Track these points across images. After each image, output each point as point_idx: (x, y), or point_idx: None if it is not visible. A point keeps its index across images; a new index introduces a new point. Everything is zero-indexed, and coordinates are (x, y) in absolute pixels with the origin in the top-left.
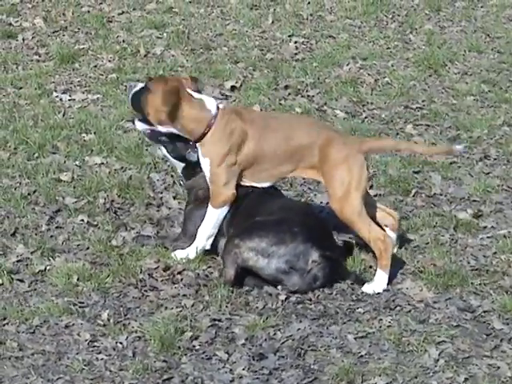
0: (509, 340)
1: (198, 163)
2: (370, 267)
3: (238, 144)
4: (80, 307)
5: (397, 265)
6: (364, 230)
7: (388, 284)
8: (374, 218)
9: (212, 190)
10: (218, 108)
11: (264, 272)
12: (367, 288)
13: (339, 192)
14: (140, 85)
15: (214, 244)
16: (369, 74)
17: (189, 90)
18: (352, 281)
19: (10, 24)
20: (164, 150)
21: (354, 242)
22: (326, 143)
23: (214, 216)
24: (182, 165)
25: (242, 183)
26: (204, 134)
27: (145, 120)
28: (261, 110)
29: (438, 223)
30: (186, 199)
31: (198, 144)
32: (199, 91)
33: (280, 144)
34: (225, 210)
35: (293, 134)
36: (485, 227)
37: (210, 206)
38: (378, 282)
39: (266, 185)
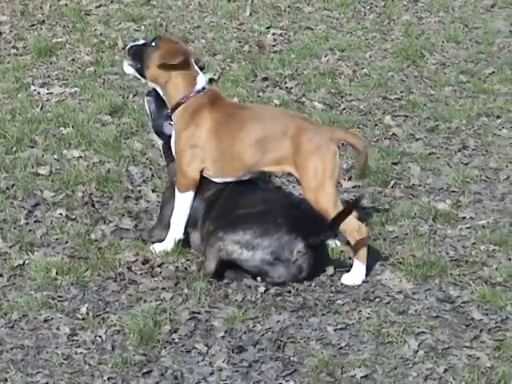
0: (488, 330)
1: None
2: (350, 258)
3: (202, 127)
4: (59, 301)
5: (376, 256)
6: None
7: (366, 275)
8: None
9: (177, 173)
10: (202, 88)
11: (249, 264)
12: (346, 279)
13: (313, 182)
14: (143, 40)
15: (187, 238)
16: (347, 66)
17: (191, 59)
18: (335, 267)
19: None
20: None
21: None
22: (297, 133)
23: (180, 201)
24: (161, 142)
25: (207, 177)
26: (178, 105)
27: (135, 68)
28: (239, 102)
29: (416, 214)
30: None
31: (172, 116)
32: (200, 67)
33: (248, 134)
34: (190, 195)
35: (262, 124)
36: (464, 218)
37: (176, 190)
38: (356, 273)
39: (229, 180)
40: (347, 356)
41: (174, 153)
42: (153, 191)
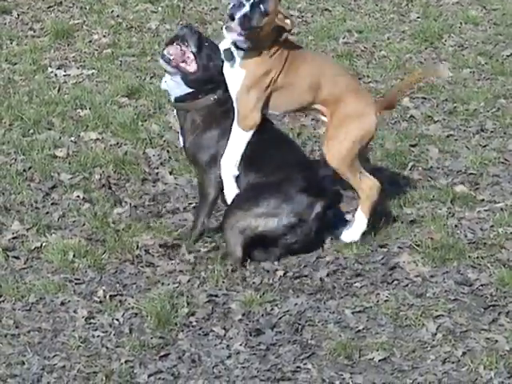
0: (506, 313)
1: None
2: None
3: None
4: (76, 284)
5: (393, 238)
6: (354, 179)
7: (384, 257)
8: None
9: (239, 111)
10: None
11: (275, 232)
12: (345, 236)
13: (338, 140)
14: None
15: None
16: (365, 47)
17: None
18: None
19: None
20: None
21: None
22: (350, 91)
23: (241, 140)
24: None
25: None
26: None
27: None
28: None
29: (434, 196)
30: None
31: (239, 53)
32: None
33: (311, 74)
34: (250, 134)
35: (324, 71)
36: (482, 200)
37: (236, 128)
38: (357, 227)
39: (277, 113)
40: (365, 339)
41: (234, 93)
42: (170, 173)
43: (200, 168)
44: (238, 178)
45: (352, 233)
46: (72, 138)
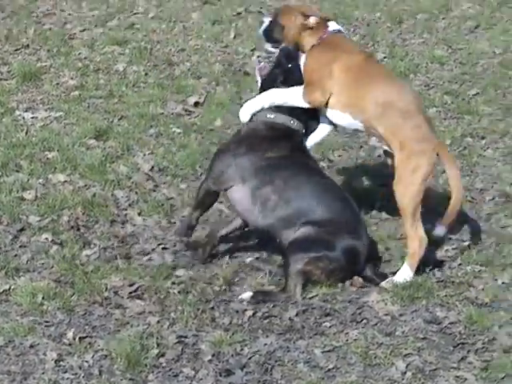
0: (475, 351)
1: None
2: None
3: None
4: (45, 326)
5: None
6: (410, 224)
7: (352, 295)
8: None
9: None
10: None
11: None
12: (388, 284)
13: (405, 178)
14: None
15: None
16: None
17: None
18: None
19: None
20: None
21: None
22: (416, 124)
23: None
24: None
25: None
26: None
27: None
28: (223, 125)
29: (403, 235)
30: None
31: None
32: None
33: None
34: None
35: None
36: (450, 238)
37: (298, 91)
38: (400, 278)
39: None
40: (335, 378)
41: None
42: (139, 215)
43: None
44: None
45: (398, 277)
46: (40, 180)
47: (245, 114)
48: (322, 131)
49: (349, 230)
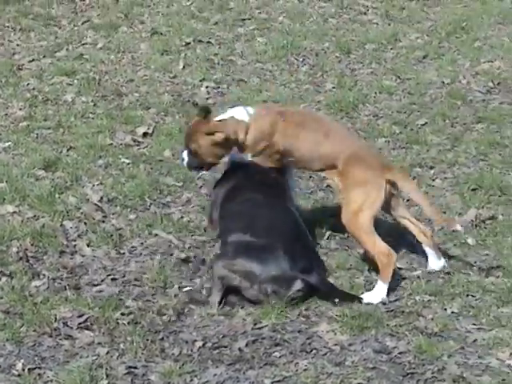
0: (425, 381)
1: None
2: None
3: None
4: None
5: (312, 308)
6: (369, 244)
7: (302, 325)
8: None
9: None
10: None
11: (248, 293)
12: (366, 297)
13: (350, 208)
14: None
15: None
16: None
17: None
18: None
19: None
20: None
21: None
22: (351, 160)
23: None
24: None
25: None
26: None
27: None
28: (172, 155)
29: (352, 265)
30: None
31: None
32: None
33: (309, 146)
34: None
35: (323, 141)
36: (399, 268)
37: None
38: (377, 293)
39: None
40: None
41: None
42: (88, 246)
43: None
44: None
45: (373, 296)
46: None
47: None
48: None
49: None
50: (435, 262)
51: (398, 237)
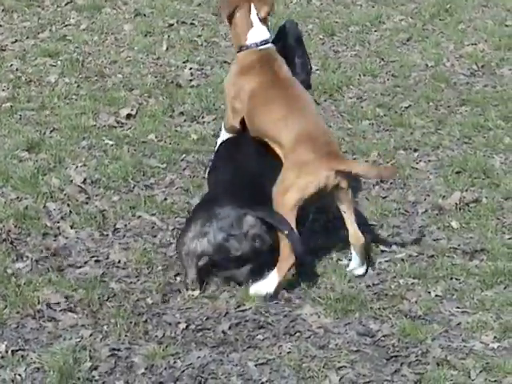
0: (409, 364)
1: None
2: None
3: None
4: None
5: (296, 290)
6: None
7: (286, 308)
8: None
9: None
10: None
11: (210, 250)
12: (254, 288)
13: (280, 186)
14: None
15: None
16: None
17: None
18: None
19: None
20: None
21: None
22: (302, 139)
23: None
24: None
25: None
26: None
27: None
28: (156, 137)
29: (336, 248)
30: None
31: None
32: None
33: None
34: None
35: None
36: (383, 251)
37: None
38: (267, 284)
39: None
40: None
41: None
42: (71, 227)
43: None
44: None
45: (260, 287)
46: None
47: None
48: None
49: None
50: (355, 266)
51: (380, 218)
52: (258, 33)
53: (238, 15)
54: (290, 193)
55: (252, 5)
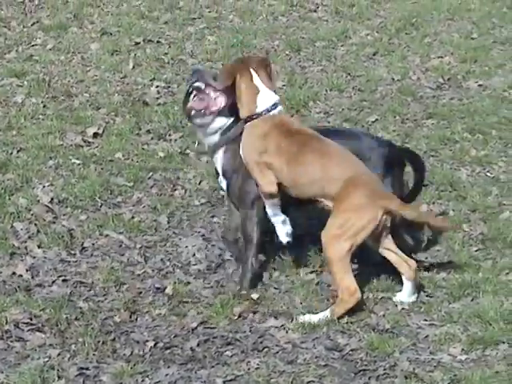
0: (376, 377)
1: None
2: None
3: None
4: None
5: (264, 305)
6: (338, 275)
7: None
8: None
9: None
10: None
11: None
12: (306, 317)
13: (333, 230)
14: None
15: None
16: None
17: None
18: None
19: None
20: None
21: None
22: (350, 184)
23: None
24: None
25: None
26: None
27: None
28: (123, 155)
29: (302, 262)
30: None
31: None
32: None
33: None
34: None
35: (324, 164)
36: (353, 263)
37: None
38: (320, 317)
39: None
40: None
41: None
42: (38, 247)
43: (244, 210)
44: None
45: (312, 318)
46: None
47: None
48: None
49: None
50: (406, 295)
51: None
52: (267, 97)
53: (242, 84)
54: (342, 239)
55: (251, 70)
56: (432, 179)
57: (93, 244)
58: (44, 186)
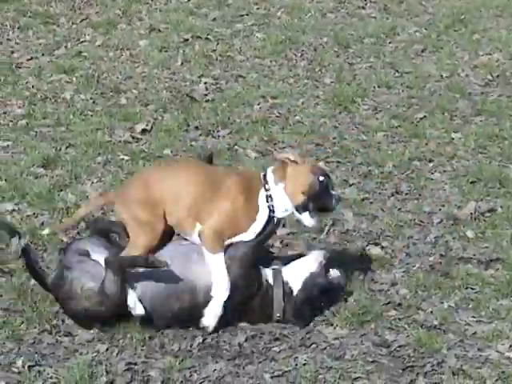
0: (424, 374)
1: None
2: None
3: None
4: None
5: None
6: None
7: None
8: None
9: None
10: None
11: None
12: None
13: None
14: None
15: None
16: (279, 113)
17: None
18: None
19: None
20: None
21: None
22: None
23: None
24: None
25: None
26: None
27: None
28: (171, 152)
29: (351, 259)
30: None
31: None
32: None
33: None
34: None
35: None
36: (398, 262)
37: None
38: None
39: None
40: None
41: None
42: None
43: None
44: None
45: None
46: None
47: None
48: None
49: None
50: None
51: (396, 230)
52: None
53: None
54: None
55: None
56: (480, 176)
57: None
58: (93, 182)
